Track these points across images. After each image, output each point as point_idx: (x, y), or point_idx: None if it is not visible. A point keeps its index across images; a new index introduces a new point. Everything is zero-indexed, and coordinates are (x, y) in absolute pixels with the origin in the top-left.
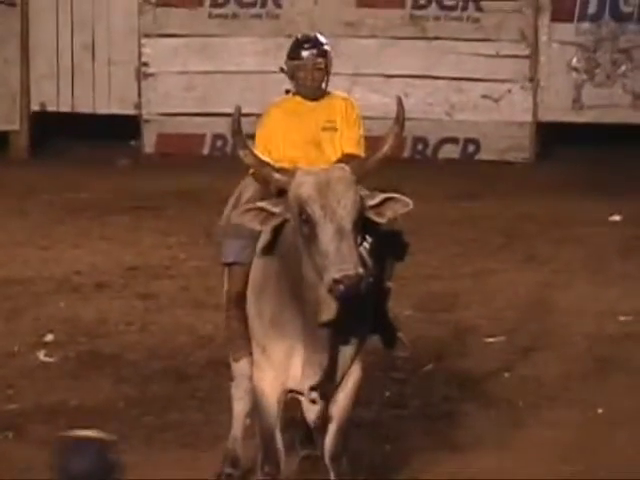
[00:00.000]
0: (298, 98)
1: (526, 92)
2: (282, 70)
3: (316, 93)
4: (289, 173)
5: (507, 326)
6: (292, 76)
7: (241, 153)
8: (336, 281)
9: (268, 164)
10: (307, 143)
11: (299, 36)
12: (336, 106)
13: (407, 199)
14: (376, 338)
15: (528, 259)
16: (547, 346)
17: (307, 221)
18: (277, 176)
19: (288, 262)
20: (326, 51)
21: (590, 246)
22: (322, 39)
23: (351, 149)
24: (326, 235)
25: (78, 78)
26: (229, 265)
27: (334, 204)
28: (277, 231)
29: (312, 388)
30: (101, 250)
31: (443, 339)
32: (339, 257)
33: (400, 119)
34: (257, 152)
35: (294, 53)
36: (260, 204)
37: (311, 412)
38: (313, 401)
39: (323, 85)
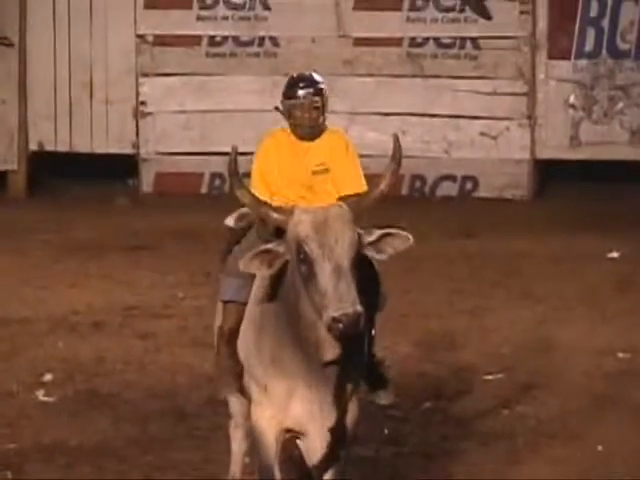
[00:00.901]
0: (292, 137)
1: (524, 129)
2: (277, 109)
3: (313, 132)
4: (287, 211)
5: (505, 363)
6: (288, 115)
7: (238, 193)
8: (335, 320)
9: (265, 203)
10: (299, 185)
11: (294, 75)
12: (329, 145)
13: (406, 234)
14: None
15: (525, 296)
16: (545, 383)
17: (305, 260)
18: (275, 215)
19: (287, 301)
20: (322, 89)
21: (588, 283)
22: (318, 77)
23: (352, 188)
24: (324, 273)
25: (76, 117)
26: (225, 302)
27: (332, 242)
28: (279, 274)
29: (331, 430)
30: (99, 289)
31: (441, 376)
32: (337, 295)
33: (397, 156)
34: (254, 191)
35: (290, 92)
36: (266, 246)
37: (313, 453)
38: (329, 447)
39: (320, 123)
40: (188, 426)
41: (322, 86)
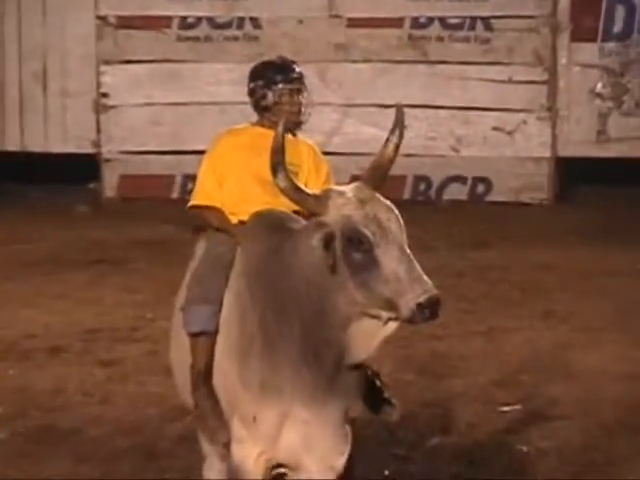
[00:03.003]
0: (260, 129)
1: (543, 123)
2: (256, 100)
3: (300, 123)
4: (323, 196)
5: (523, 392)
6: (268, 106)
7: (280, 176)
8: (421, 305)
9: (301, 189)
10: (265, 183)
11: (264, 61)
12: (302, 151)
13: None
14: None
15: (546, 315)
16: (569, 414)
17: (361, 246)
18: (311, 200)
19: (286, 307)
20: (303, 74)
21: (616, 300)
22: (295, 63)
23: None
24: (392, 257)
25: (27, 113)
26: (194, 336)
27: (386, 223)
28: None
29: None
30: (57, 310)
31: (450, 408)
32: (417, 279)
33: (399, 128)
34: (200, 195)
35: (275, 77)
36: (318, 220)
37: None
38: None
39: (304, 118)
40: (159, 466)
41: (302, 70)
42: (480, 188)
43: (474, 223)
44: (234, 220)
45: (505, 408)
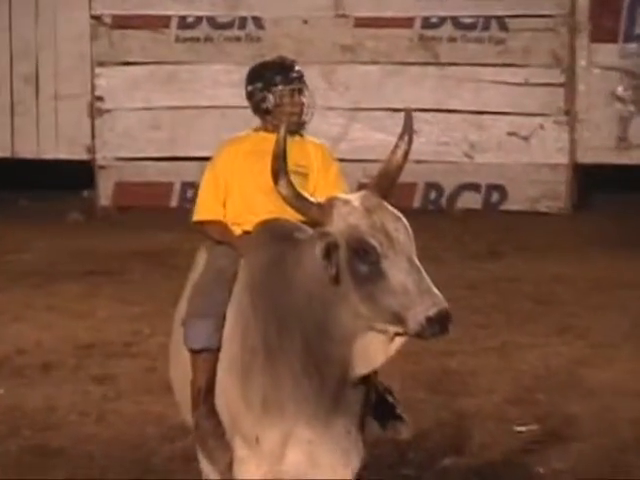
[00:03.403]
0: (263, 133)
1: (561, 128)
2: (254, 102)
3: (302, 124)
4: (327, 204)
5: (539, 411)
6: (268, 109)
7: (281, 182)
8: (430, 320)
9: (304, 197)
10: (269, 191)
11: (262, 62)
12: (309, 151)
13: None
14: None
15: (562, 330)
16: (586, 434)
17: (367, 257)
18: (315, 209)
19: (288, 320)
20: (303, 73)
21: (636, 314)
22: (295, 62)
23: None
24: (400, 269)
25: (19, 117)
26: (195, 352)
27: (394, 233)
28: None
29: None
30: (48, 324)
31: (463, 427)
32: (426, 291)
33: (408, 133)
34: (202, 208)
35: (274, 78)
36: (322, 230)
37: None
38: None
39: (307, 117)
40: None
41: (301, 69)
42: (494, 196)
43: (488, 233)
44: (238, 231)
45: (520, 427)
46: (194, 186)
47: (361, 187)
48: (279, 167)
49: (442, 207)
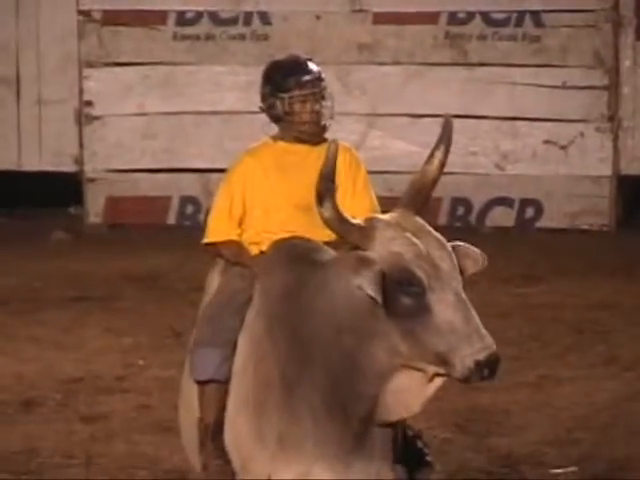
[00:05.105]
0: (282, 143)
1: (604, 136)
2: (263, 110)
3: (321, 131)
4: (367, 226)
5: (579, 453)
6: (285, 114)
7: (326, 205)
8: (479, 364)
9: (347, 220)
10: (294, 207)
11: (278, 60)
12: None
13: (479, 253)
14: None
15: (608, 362)
16: (633, 478)
17: (411, 289)
18: (356, 232)
19: (311, 354)
20: (322, 75)
21: None
22: (311, 61)
23: (363, 211)
24: (447, 304)
25: None
26: (202, 384)
27: (440, 262)
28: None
29: None
30: (31, 356)
31: (493, 471)
32: (475, 331)
33: (446, 139)
34: (215, 228)
35: (286, 82)
36: (358, 253)
37: None
38: None
39: (326, 123)
40: None
41: (321, 71)
42: (529, 212)
43: (522, 253)
44: (256, 251)
45: (558, 470)
46: (194, 201)
47: (381, 201)
48: (326, 188)
49: (471, 224)
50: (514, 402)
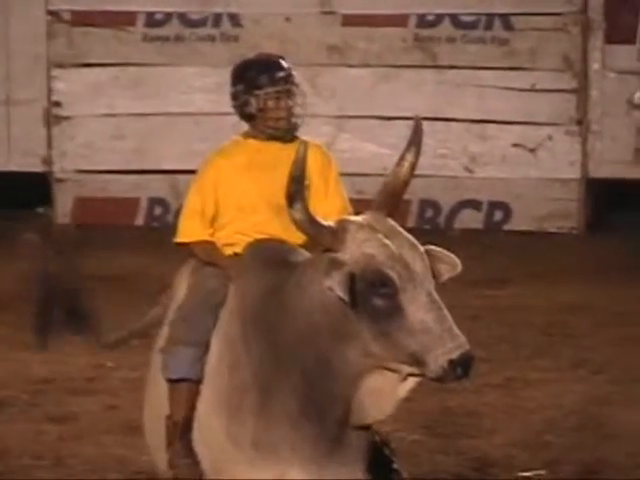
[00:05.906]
0: (254, 141)
1: (572, 139)
2: (234, 108)
3: (293, 127)
4: (339, 228)
5: (549, 456)
6: (257, 111)
7: (297, 206)
8: (453, 363)
9: (318, 222)
10: (269, 206)
11: (249, 59)
12: (310, 156)
13: (454, 258)
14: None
15: (576, 365)
16: None
17: (385, 290)
18: (328, 234)
19: (286, 355)
20: (293, 72)
21: None
22: (282, 59)
23: (335, 212)
24: (419, 305)
25: None
26: (174, 382)
27: (412, 263)
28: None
29: None
30: (0, 357)
31: (462, 474)
32: (447, 331)
33: (416, 141)
34: (185, 228)
35: (259, 79)
36: (330, 255)
37: None
38: None
39: (298, 120)
40: None
41: (291, 66)
42: (497, 215)
43: (491, 256)
44: (229, 252)
45: (527, 473)
46: (163, 202)
47: (351, 204)
48: (296, 190)
49: (439, 227)
50: (483, 404)
